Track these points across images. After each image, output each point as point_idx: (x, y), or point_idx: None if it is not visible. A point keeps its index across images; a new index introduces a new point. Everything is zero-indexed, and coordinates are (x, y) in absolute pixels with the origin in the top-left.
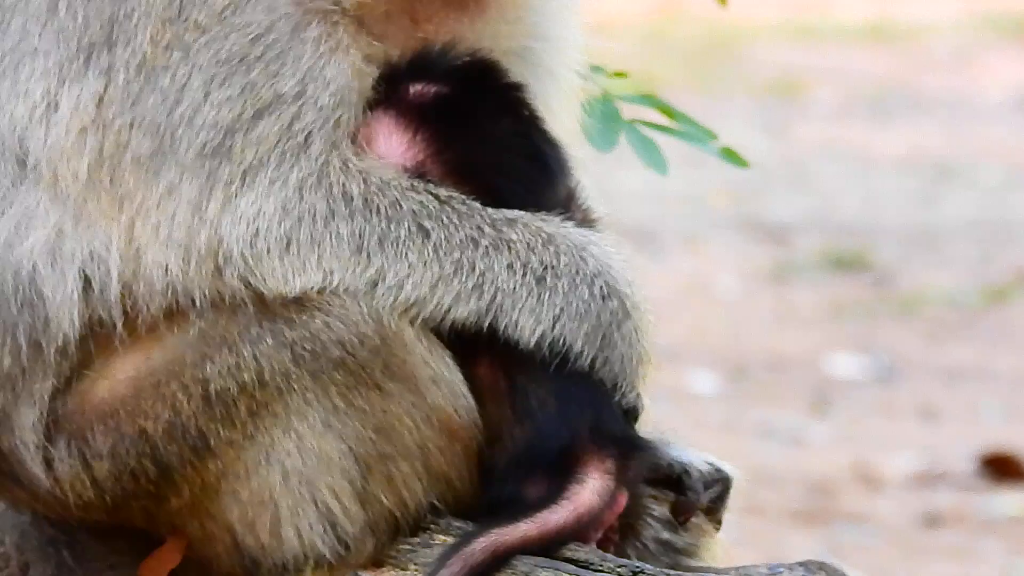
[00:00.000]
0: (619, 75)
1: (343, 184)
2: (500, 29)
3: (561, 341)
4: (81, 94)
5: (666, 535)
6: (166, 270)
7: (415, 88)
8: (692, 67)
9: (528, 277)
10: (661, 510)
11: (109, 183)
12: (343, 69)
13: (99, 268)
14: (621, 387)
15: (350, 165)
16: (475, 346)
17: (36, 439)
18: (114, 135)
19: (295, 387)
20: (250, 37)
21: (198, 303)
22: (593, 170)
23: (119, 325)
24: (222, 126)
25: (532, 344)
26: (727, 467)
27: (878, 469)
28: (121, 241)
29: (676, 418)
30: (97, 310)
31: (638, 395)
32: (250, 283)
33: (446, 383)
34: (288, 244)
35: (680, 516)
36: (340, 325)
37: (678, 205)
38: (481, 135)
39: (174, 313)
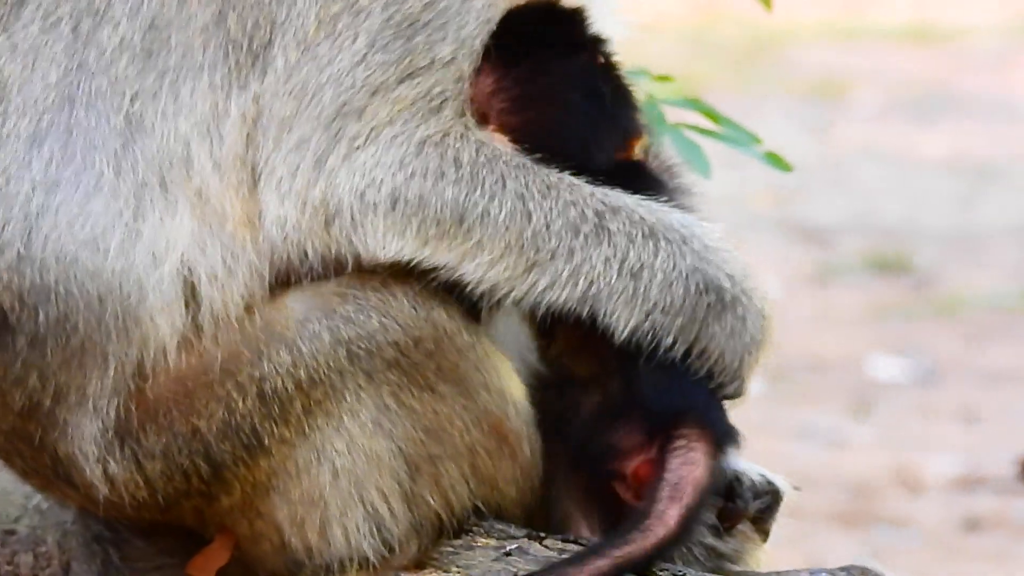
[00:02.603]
0: (663, 79)
1: (458, 148)
2: None
3: (653, 333)
4: (243, 100)
5: (711, 540)
6: (285, 222)
7: (501, 36)
8: (733, 68)
9: (624, 271)
10: (708, 515)
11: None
12: (486, 38)
13: (211, 288)
14: (720, 376)
15: (469, 133)
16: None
17: (96, 450)
18: (266, 115)
19: (348, 386)
20: (425, 2)
21: (310, 257)
22: None
23: (209, 342)
24: (369, 88)
25: (625, 334)
26: (780, 481)
27: (918, 472)
28: (245, 227)
29: None
30: (190, 332)
31: (740, 384)
32: (352, 240)
33: (496, 390)
34: (395, 202)
35: (726, 522)
36: (396, 327)
37: (719, 206)
38: (542, 71)
39: (240, 308)
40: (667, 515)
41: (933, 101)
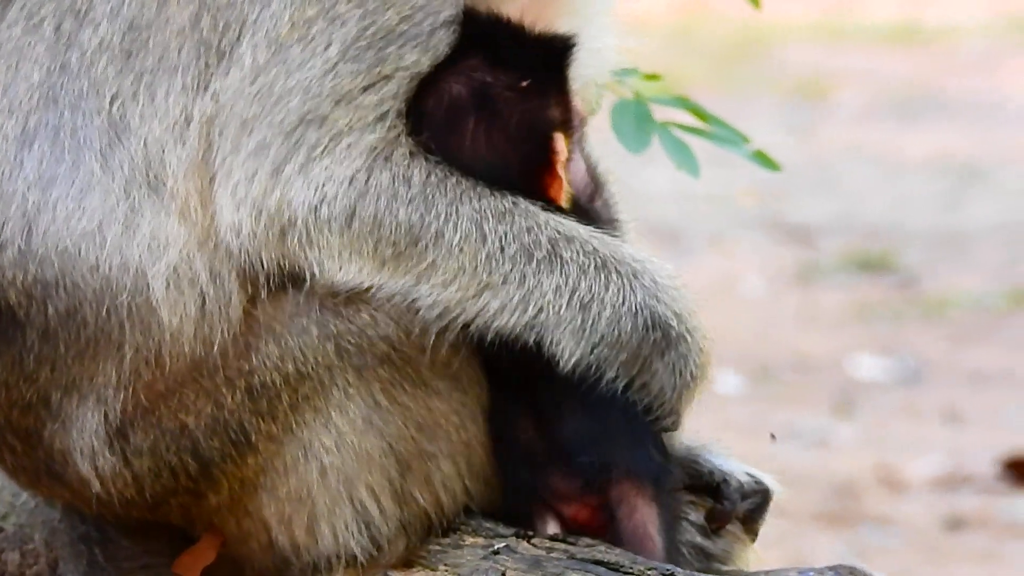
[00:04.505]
0: (652, 77)
1: (407, 166)
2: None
3: (597, 365)
4: (205, 100)
5: (700, 540)
6: (240, 230)
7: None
8: (718, 67)
9: (574, 302)
10: (697, 516)
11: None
12: (451, 44)
13: (218, 285)
14: (659, 411)
15: (417, 149)
16: (509, 358)
17: (95, 443)
18: (226, 113)
19: (337, 381)
20: (402, 15)
21: (266, 267)
22: (619, 169)
23: (205, 336)
24: (335, 96)
25: (569, 364)
26: (768, 480)
27: (902, 472)
28: (203, 215)
29: (701, 419)
30: (191, 326)
31: (677, 418)
32: (308, 255)
33: (487, 384)
34: (350, 219)
35: (714, 523)
36: (387, 320)
37: (704, 205)
38: (455, 86)
39: (238, 304)
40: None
41: (918, 101)
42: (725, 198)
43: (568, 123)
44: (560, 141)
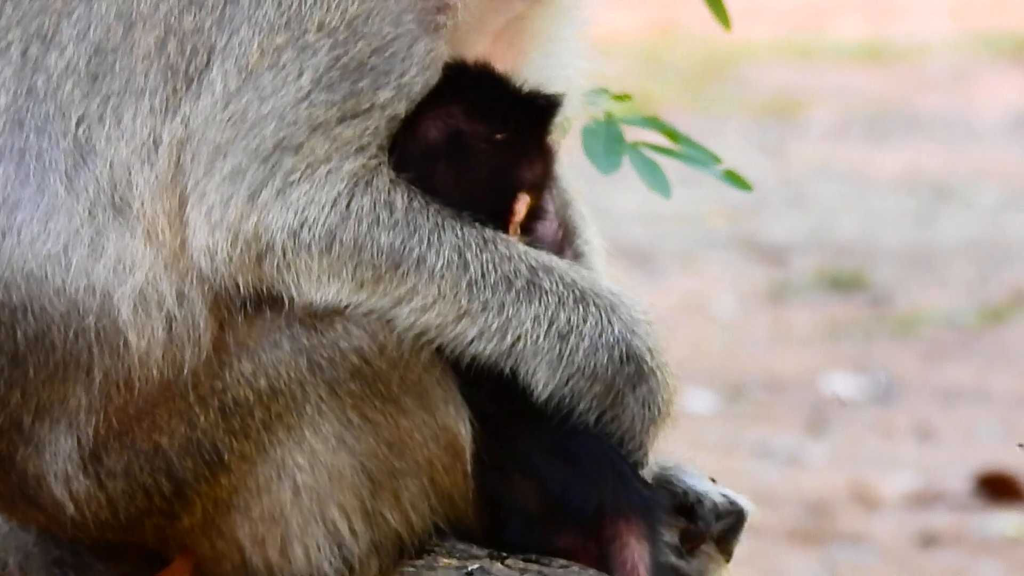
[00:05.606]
0: (622, 98)
1: (389, 192)
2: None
3: (571, 397)
4: (175, 123)
5: (674, 560)
6: (215, 254)
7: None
8: (688, 87)
9: (552, 332)
10: (671, 536)
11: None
12: (428, 84)
13: (185, 308)
14: (628, 444)
15: (399, 179)
16: (495, 388)
17: (68, 467)
18: (198, 138)
19: (310, 398)
20: (373, 47)
21: (242, 291)
22: (589, 190)
23: (177, 357)
24: (310, 125)
25: (543, 395)
26: (743, 501)
27: (875, 489)
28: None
29: (673, 438)
30: (161, 347)
31: (644, 454)
32: (285, 278)
33: (455, 404)
34: (331, 243)
35: (688, 544)
36: (360, 332)
37: (675, 225)
38: (431, 131)
39: (210, 325)
40: None
41: (888, 119)
42: (696, 218)
43: (539, 184)
44: (522, 201)
